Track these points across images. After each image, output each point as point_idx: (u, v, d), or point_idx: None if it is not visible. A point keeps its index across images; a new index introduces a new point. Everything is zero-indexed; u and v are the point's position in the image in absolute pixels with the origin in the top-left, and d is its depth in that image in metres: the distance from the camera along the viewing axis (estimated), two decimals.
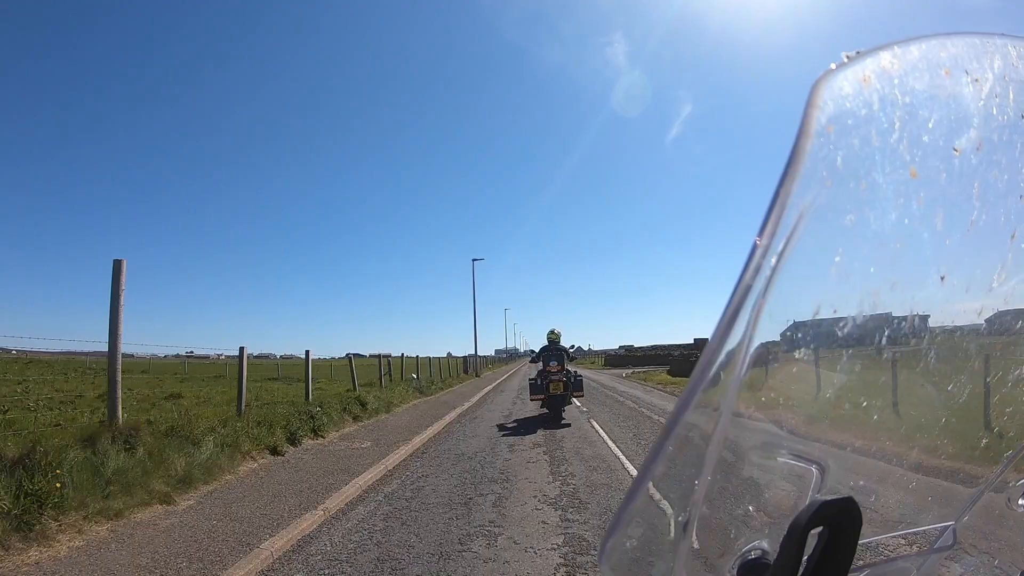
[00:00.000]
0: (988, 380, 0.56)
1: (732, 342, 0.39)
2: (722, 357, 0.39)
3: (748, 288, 0.38)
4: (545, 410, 11.23)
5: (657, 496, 0.42)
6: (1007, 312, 0.52)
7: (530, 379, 11.61)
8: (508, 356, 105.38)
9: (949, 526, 0.60)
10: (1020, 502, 0.60)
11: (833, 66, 0.41)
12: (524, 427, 10.39)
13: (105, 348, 5.39)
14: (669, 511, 0.44)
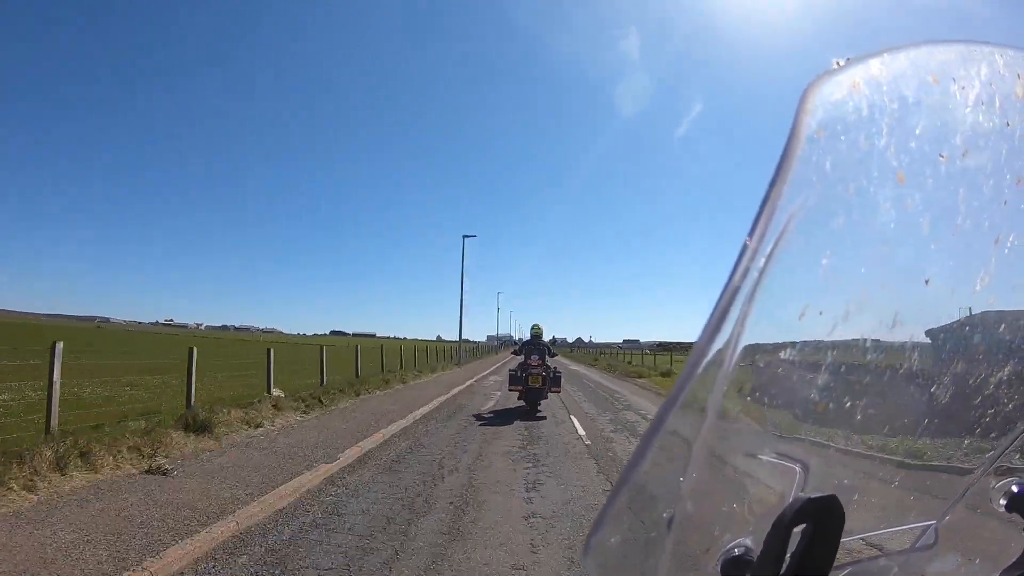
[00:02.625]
0: (970, 381, 0.57)
1: (720, 342, 0.40)
2: (709, 356, 0.40)
3: (737, 289, 0.39)
4: (522, 402, 11.49)
5: (642, 493, 0.43)
6: (989, 313, 0.53)
7: (510, 370, 11.85)
8: (501, 343, 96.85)
9: (931, 525, 0.61)
10: (1001, 502, 0.61)
11: (825, 72, 0.42)
12: (500, 418, 10.61)
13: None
14: (654, 508, 0.44)
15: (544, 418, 10.67)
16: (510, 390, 11.71)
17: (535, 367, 11.23)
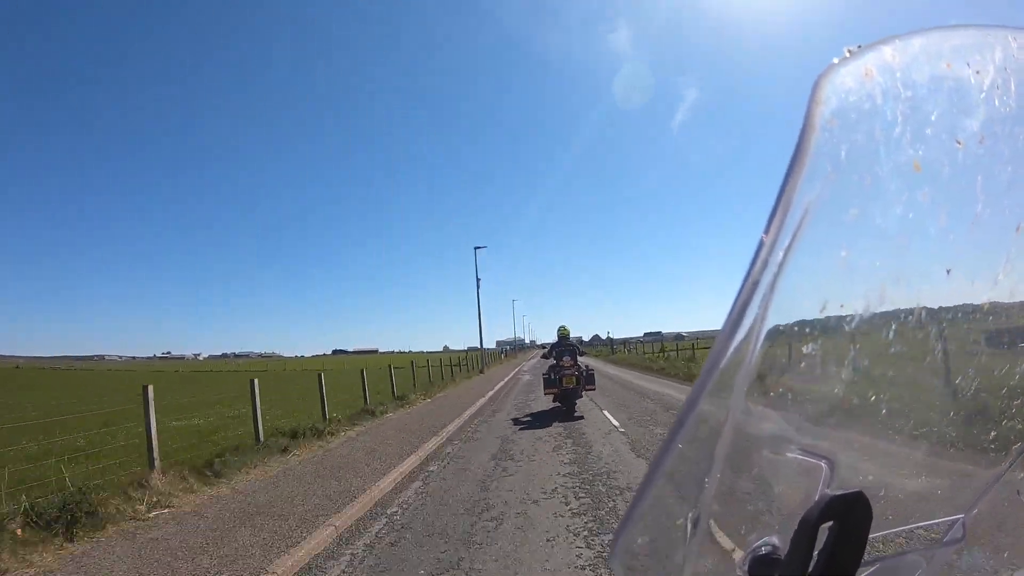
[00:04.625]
0: (996, 372, 0.56)
1: (740, 338, 0.39)
2: (730, 353, 0.39)
3: (756, 283, 0.39)
4: (558, 403, 11.55)
5: (668, 493, 0.42)
6: (1014, 304, 0.52)
7: (543, 374, 11.90)
8: (513, 348, 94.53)
9: (959, 519, 0.60)
10: None
11: (836, 60, 0.41)
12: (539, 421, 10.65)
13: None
14: (680, 508, 0.44)
15: (582, 418, 10.70)
16: (546, 393, 11.76)
17: (568, 368, 11.28)
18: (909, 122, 0.44)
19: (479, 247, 28.84)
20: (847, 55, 0.42)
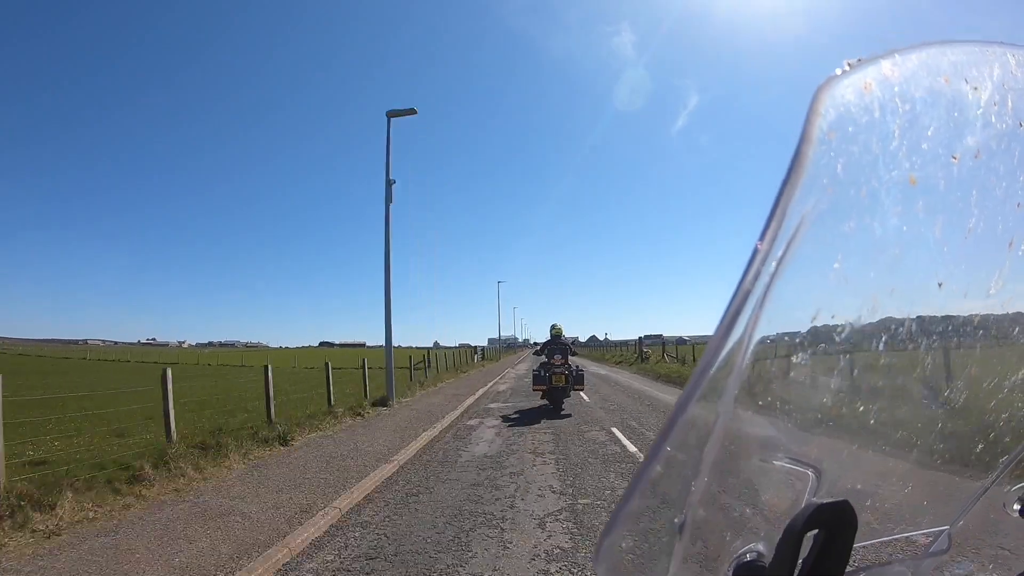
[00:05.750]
0: (984, 385, 0.57)
1: (730, 345, 0.39)
2: (720, 360, 0.39)
3: (748, 292, 0.39)
4: (546, 401, 11.59)
5: (654, 497, 0.43)
6: (1004, 317, 0.53)
7: (534, 370, 11.94)
8: (499, 347, 78.07)
9: (944, 530, 0.60)
10: (1015, 507, 0.61)
11: (838, 72, 0.41)
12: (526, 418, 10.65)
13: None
14: (666, 513, 0.44)
15: (569, 416, 10.73)
16: (534, 389, 11.78)
17: (559, 366, 11.34)
18: (906, 136, 0.44)
19: (396, 111, 13.65)
20: (847, 68, 0.42)
